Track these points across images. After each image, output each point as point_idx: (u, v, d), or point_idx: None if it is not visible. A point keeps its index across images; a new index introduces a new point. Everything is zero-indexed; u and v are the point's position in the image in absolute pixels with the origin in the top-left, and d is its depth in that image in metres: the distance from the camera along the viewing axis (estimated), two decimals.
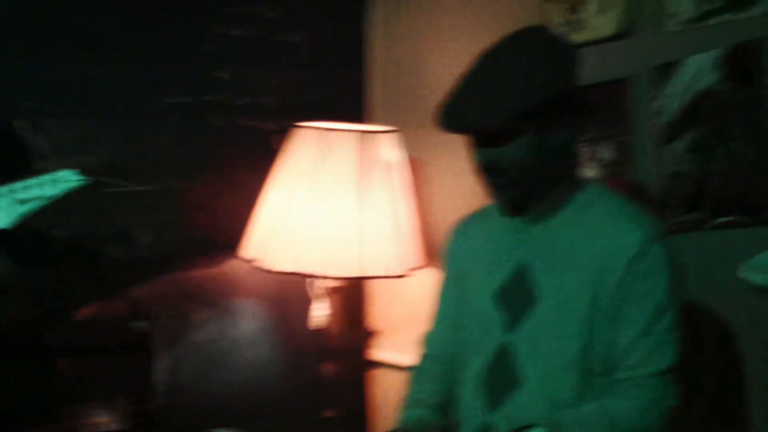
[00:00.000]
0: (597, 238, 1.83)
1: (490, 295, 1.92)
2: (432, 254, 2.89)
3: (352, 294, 3.00)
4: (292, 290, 2.88)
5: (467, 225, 2.09)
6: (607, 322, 1.81)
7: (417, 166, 2.95)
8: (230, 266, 2.79)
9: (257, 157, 2.81)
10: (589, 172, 2.43)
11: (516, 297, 1.88)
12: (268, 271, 2.56)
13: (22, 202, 1.86)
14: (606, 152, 2.46)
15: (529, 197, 1.89)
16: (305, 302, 2.74)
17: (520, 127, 1.79)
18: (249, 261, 2.63)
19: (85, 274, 2.40)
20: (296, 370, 2.91)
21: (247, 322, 2.85)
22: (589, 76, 1.93)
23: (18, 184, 1.87)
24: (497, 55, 1.83)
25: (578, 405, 1.81)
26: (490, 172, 1.85)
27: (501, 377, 1.88)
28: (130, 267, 2.52)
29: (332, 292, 2.69)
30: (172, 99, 2.67)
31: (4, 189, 1.87)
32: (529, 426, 1.74)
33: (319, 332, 2.70)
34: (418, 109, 2.98)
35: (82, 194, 2.39)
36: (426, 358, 2.11)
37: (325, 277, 2.60)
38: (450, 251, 2.10)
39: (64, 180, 1.88)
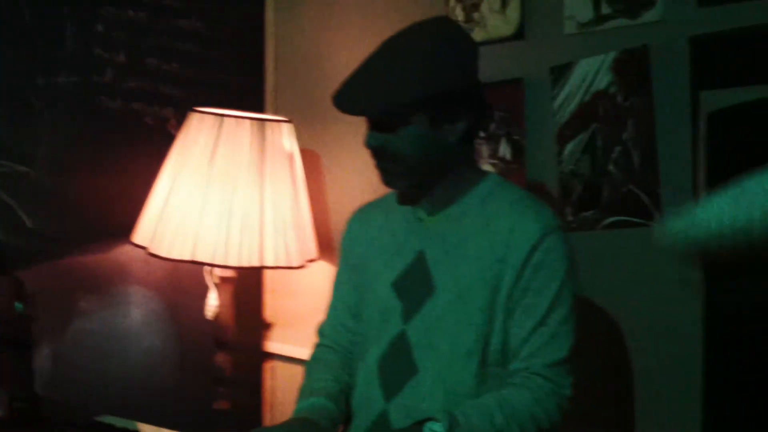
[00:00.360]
0: (496, 229, 1.84)
1: (388, 285, 1.93)
2: (326, 247, 2.89)
3: (248, 285, 2.98)
4: (187, 279, 2.83)
5: (366, 213, 2.09)
6: (504, 313, 1.83)
7: (312, 159, 2.94)
8: (123, 253, 2.73)
9: (152, 142, 2.76)
10: (488, 169, 2.46)
11: (414, 287, 1.89)
12: (162, 259, 2.52)
13: None
14: (503, 150, 2.50)
15: (419, 187, 1.91)
16: (201, 292, 2.70)
17: (409, 116, 1.80)
18: (142, 248, 2.58)
19: None
20: (190, 361, 2.86)
21: (140, 311, 2.79)
22: (486, 74, 1.94)
23: None
24: (397, 42, 1.83)
25: (475, 395, 1.83)
26: (378, 157, 1.87)
27: (398, 366, 1.88)
28: (13, 249, 2.45)
29: (228, 282, 2.66)
30: (62, 78, 2.59)
31: None
32: (427, 419, 1.74)
33: (214, 323, 2.67)
34: (316, 102, 2.96)
35: None
36: (322, 347, 2.10)
37: (221, 266, 2.57)
38: (348, 239, 2.09)
39: None
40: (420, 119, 1.80)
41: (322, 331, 2.12)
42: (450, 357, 1.84)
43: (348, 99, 1.83)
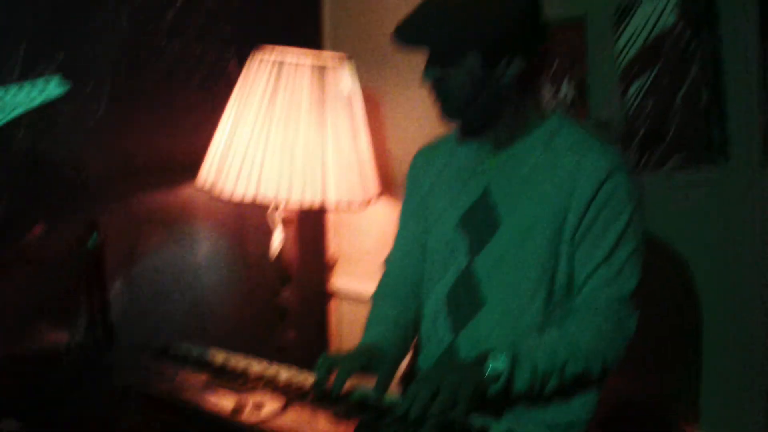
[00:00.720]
0: (562, 166, 1.85)
1: (455, 220, 1.94)
2: (387, 185, 2.91)
3: (311, 223, 3.01)
4: (252, 216, 2.87)
5: (432, 149, 2.10)
6: (569, 248, 1.84)
7: (371, 97, 2.94)
8: (189, 191, 2.77)
9: (213, 82, 2.78)
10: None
11: (480, 222, 1.91)
12: (227, 199, 2.55)
13: (13, 105, 1.84)
14: (565, 91, 2.48)
15: (472, 123, 1.93)
16: (266, 229, 2.75)
17: (461, 53, 1.82)
18: (207, 188, 2.62)
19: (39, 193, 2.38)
20: (256, 297, 2.91)
21: (207, 247, 2.84)
22: (548, 15, 1.93)
23: (12, 87, 1.84)
24: None
25: (541, 329, 1.84)
26: (434, 90, 1.90)
27: (464, 300, 1.90)
28: (84, 187, 2.49)
29: (292, 220, 2.70)
30: (123, 20, 2.61)
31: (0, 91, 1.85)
32: (491, 353, 1.75)
33: (279, 260, 2.71)
34: (373, 39, 2.96)
35: (32, 112, 2.36)
36: (388, 279, 2.12)
37: (285, 206, 2.61)
38: (414, 173, 2.11)
39: (54, 87, 1.86)
40: (473, 57, 1.82)
41: (388, 263, 2.14)
42: (516, 291, 1.86)
43: (404, 32, 1.86)
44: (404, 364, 2.06)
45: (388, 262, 2.14)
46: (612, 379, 1.90)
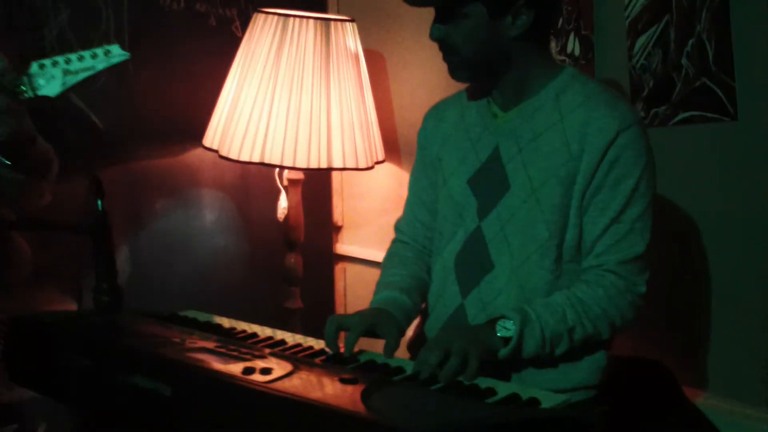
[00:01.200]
0: (570, 124, 1.82)
1: (464, 181, 1.93)
2: (392, 148, 2.89)
3: (317, 187, 3.00)
4: (257, 181, 2.87)
5: (441, 109, 2.07)
6: (578, 209, 1.82)
7: (376, 59, 2.92)
8: (194, 155, 2.76)
9: (217, 44, 2.76)
10: None
11: (489, 183, 1.89)
12: (233, 161, 2.55)
13: (74, 72, 1.94)
14: (571, 46, 2.46)
15: (481, 80, 1.91)
16: (271, 194, 2.74)
17: (465, 7, 1.79)
18: (214, 151, 2.61)
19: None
20: (261, 261, 2.92)
21: (212, 212, 2.84)
22: None
23: (73, 55, 1.94)
24: None
25: (550, 290, 1.84)
26: (442, 48, 1.88)
27: (473, 262, 1.90)
28: (87, 151, 2.49)
29: (297, 184, 2.69)
30: None
31: (60, 58, 1.94)
32: (500, 317, 1.76)
33: (284, 224, 2.71)
34: (378, 2, 2.93)
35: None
36: (398, 243, 2.12)
37: (290, 168, 2.60)
38: (423, 135, 2.08)
39: (116, 54, 1.96)
40: (477, 11, 1.79)
41: (399, 227, 2.13)
42: (524, 253, 1.85)
43: None
44: (413, 327, 2.07)
45: (398, 227, 2.13)
46: (617, 339, 1.91)
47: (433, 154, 2.03)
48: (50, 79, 1.95)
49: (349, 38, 2.61)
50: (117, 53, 1.96)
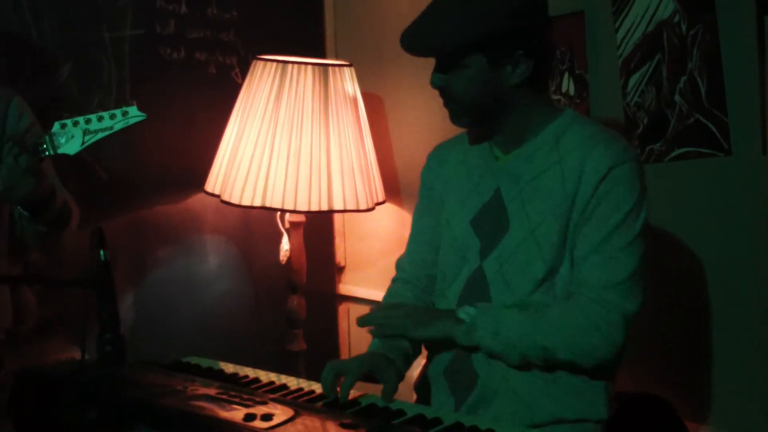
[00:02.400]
0: (568, 165, 1.84)
1: (466, 222, 1.95)
2: (392, 189, 2.92)
3: (319, 229, 3.03)
4: (259, 225, 2.89)
5: (444, 150, 2.10)
6: (572, 244, 1.84)
7: (374, 102, 2.95)
8: (195, 201, 2.79)
9: (217, 91, 2.81)
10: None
11: (490, 224, 1.91)
12: (235, 206, 2.58)
13: (93, 132, 2.03)
14: (566, 85, 2.49)
15: (481, 126, 1.93)
16: (273, 237, 2.76)
17: (464, 57, 1.81)
18: (215, 196, 2.64)
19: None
20: (265, 304, 2.94)
21: (215, 257, 2.87)
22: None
23: (93, 116, 2.03)
24: None
25: None
26: (443, 96, 1.90)
27: (474, 302, 1.89)
28: (90, 201, 2.52)
29: (299, 226, 2.72)
30: (127, 31, 2.64)
31: (81, 118, 2.02)
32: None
33: (287, 266, 2.73)
34: (375, 45, 2.98)
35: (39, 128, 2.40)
36: (399, 281, 2.13)
37: (291, 211, 2.62)
38: (426, 175, 2.11)
39: (132, 115, 2.04)
40: (477, 60, 1.82)
41: (400, 265, 2.15)
42: (522, 291, 1.86)
43: (409, 39, 1.86)
44: (419, 368, 2.08)
45: (400, 264, 2.15)
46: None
47: (436, 193, 2.06)
48: (70, 138, 2.03)
49: (347, 82, 2.65)
50: (134, 114, 2.04)
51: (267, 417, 1.55)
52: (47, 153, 2.04)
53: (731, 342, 2.24)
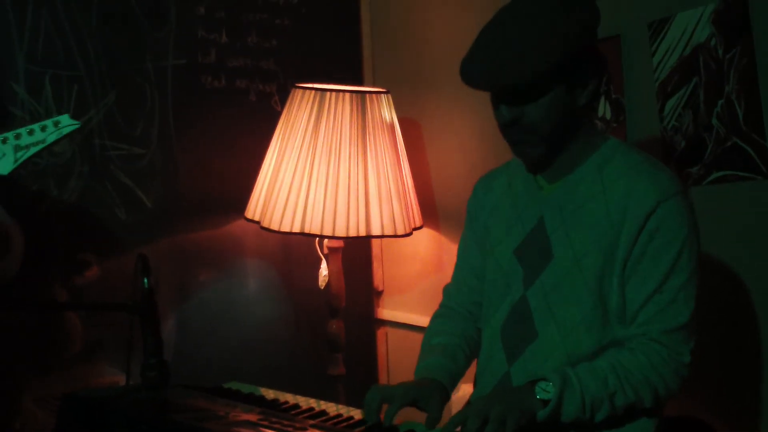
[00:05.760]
0: (612, 195, 1.83)
1: (510, 251, 1.94)
2: (430, 214, 2.93)
3: (357, 254, 3.05)
4: (298, 250, 2.92)
5: (489, 179, 2.10)
6: (619, 278, 1.82)
7: (412, 128, 2.98)
8: (236, 227, 2.83)
9: (257, 119, 2.85)
10: None
11: (534, 253, 1.90)
12: (274, 232, 2.61)
13: (24, 147, 1.87)
14: (603, 109, 2.49)
15: (552, 154, 1.88)
16: (313, 261, 2.79)
17: (551, 82, 1.77)
18: (256, 222, 2.68)
19: (92, 234, 2.46)
20: (305, 328, 2.96)
21: (255, 281, 2.90)
22: None
23: (22, 129, 1.85)
24: (517, 8, 1.80)
25: (596, 357, 1.83)
26: (516, 128, 1.83)
27: (519, 331, 1.91)
28: (135, 227, 2.57)
29: (337, 251, 2.74)
30: (169, 61, 2.69)
31: (10, 134, 1.85)
32: (541, 379, 1.76)
33: (326, 291, 2.76)
34: (413, 71, 3.00)
35: (85, 157, 2.44)
36: (445, 308, 2.14)
37: (330, 237, 2.65)
38: (473, 204, 2.11)
39: (65, 124, 1.86)
40: (556, 85, 1.77)
41: (447, 292, 2.16)
42: (567, 323, 1.85)
43: (482, 73, 1.79)
44: (464, 396, 2.08)
45: (447, 291, 2.17)
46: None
47: (481, 222, 2.06)
48: (1, 156, 1.84)
49: (384, 109, 2.68)
50: (67, 123, 1.86)
51: None
52: None
53: None
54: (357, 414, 1.84)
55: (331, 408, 1.88)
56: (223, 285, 2.82)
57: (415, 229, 2.74)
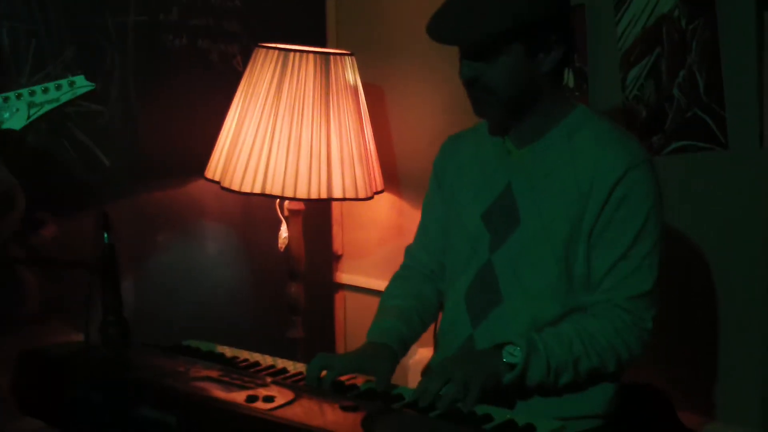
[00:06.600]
0: (581, 163, 1.84)
1: (477, 216, 1.95)
2: (391, 179, 2.94)
3: (317, 217, 3.05)
4: (258, 212, 2.91)
5: (457, 141, 2.09)
6: (586, 245, 1.84)
7: (375, 92, 2.97)
8: (196, 188, 2.81)
9: (219, 79, 2.81)
10: None
11: (501, 218, 1.91)
12: (235, 192, 2.59)
13: (38, 104, 1.90)
14: (566, 78, 2.50)
15: (509, 117, 1.89)
16: (273, 224, 2.78)
17: (505, 45, 1.78)
18: (216, 182, 2.66)
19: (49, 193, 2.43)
20: (264, 291, 2.95)
21: (214, 243, 2.88)
22: None
23: (38, 87, 1.90)
24: None
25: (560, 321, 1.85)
26: (473, 87, 1.84)
27: (484, 295, 1.92)
28: (93, 186, 2.54)
29: (298, 214, 2.74)
30: (130, 18, 2.65)
31: (25, 90, 1.89)
32: (507, 343, 1.77)
33: (286, 254, 2.75)
34: (377, 35, 2.99)
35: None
36: (406, 267, 2.15)
37: (291, 199, 2.65)
38: (440, 164, 2.10)
39: (81, 85, 1.92)
40: (516, 48, 1.78)
41: (409, 252, 2.16)
42: (533, 288, 1.87)
43: (443, 28, 1.81)
44: (421, 360, 2.09)
45: (409, 251, 2.16)
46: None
47: (447, 183, 2.05)
48: (15, 112, 1.90)
49: (348, 71, 2.67)
50: (82, 84, 1.92)
51: (268, 399, 1.58)
52: None
53: (728, 335, 2.27)
54: None
55: (291, 366, 1.88)
56: (182, 245, 2.80)
57: (377, 193, 2.74)
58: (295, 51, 2.60)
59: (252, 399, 1.57)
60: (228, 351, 1.99)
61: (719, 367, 2.29)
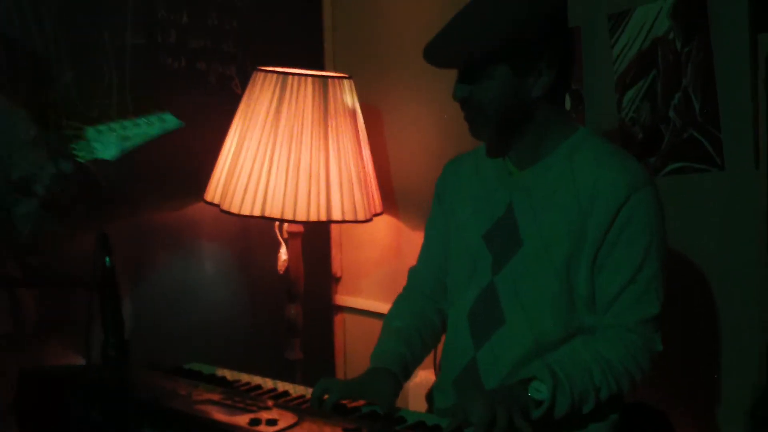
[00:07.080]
0: (581, 179, 1.85)
1: (479, 236, 1.96)
2: (390, 201, 2.95)
3: (316, 239, 3.05)
4: (257, 234, 2.92)
5: (458, 163, 2.11)
6: (589, 269, 1.84)
7: (373, 114, 2.98)
8: (195, 210, 2.81)
9: (217, 101, 2.83)
10: None
11: (503, 239, 1.92)
12: (234, 215, 2.60)
13: (130, 138, 1.95)
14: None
15: (500, 138, 1.91)
16: (272, 246, 2.79)
17: (490, 66, 1.81)
18: (215, 205, 2.67)
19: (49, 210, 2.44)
20: (262, 313, 2.96)
21: (214, 265, 2.89)
22: None
23: (129, 122, 1.96)
24: None
25: (561, 343, 1.86)
26: (467, 107, 1.88)
27: (485, 316, 1.92)
28: (90, 207, 2.54)
29: (297, 236, 2.74)
30: (128, 40, 2.66)
31: (116, 125, 1.95)
32: (531, 378, 1.76)
33: (285, 276, 2.75)
34: (374, 58, 3.01)
35: (42, 134, 2.41)
36: (409, 289, 2.16)
37: (290, 221, 2.65)
38: (441, 186, 2.12)
39: (170, 121, 1.98)
40: (502, 70, 1.81)
41: (412, 273, 2.18)
42: (534, 308, 1.87)
43: (432, 53, 1.86)
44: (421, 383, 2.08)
45: (412, 272, 2.18)
46: None
47: (448, 206, 2.07)
48: (107, 144, 1.97)
49: (346, 94, 2.69)
50: (171, 120, 2.02)
51: (271, 422, 1.58)
52: (83, 159, 2.00)
53: (726, 354, 2.27)
54: None
55: (291, 389, 1.88)
56: (180, 267, 2.81)
57: (376, 215, 2.75)
58: (293, 74, 2.61)
59: (255, 422, 1.58)
60: (229, 374, 1.99)
61: (717, 388, 2.29)
